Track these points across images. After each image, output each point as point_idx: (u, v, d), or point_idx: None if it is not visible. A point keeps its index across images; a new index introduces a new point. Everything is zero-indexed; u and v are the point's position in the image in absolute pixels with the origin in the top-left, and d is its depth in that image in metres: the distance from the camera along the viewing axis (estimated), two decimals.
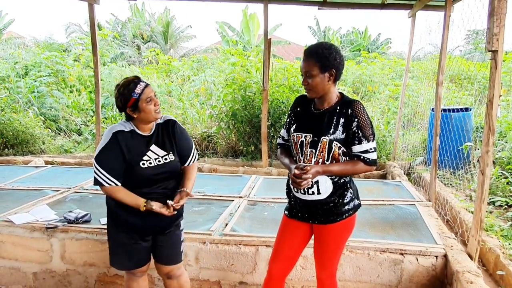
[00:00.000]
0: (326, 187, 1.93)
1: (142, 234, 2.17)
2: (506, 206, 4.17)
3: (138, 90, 1.99)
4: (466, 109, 5.71)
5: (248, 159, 6.14)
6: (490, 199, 4.31)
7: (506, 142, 5.35)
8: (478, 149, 5.07)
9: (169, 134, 2.16)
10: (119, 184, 2.05)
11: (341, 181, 1.97)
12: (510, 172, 4.70)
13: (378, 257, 2.68)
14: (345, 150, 1.93)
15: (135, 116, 2.04)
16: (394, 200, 3.67)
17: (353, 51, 18.99)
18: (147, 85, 2.03)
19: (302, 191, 1.97)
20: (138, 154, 2.05)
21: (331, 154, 1.90)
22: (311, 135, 1.93)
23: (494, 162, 5.11)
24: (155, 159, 2.08)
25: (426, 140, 6.02)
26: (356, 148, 1.90)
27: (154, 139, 2.11)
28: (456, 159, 5.25)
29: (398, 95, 7.39)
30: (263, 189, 4.01)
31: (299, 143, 1.98)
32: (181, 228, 2.31)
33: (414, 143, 6.59)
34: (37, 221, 3.01)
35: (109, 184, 2.02)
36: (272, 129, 6.13)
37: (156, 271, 2.38)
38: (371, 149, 1.90)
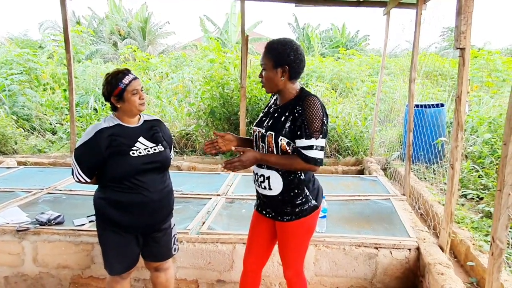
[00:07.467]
0: (276, 184, 1.93)
1: (134, 233, 2.14)
2: (477, 199, 4.30)
3: (125, 80, 2.05)
4: (440, 105, 5.85)
5: (227, 156, 6.11)
6: (462, 192, 4.44)
7: (478, 137, 5.50)
8: None
9: (158, 128, 2.22)
10: (88, 180, 2.10)
11: (294, 180, 1.92)
12: (481, 166, 4.84)
13: (353, 252, 2.72)
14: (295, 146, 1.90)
15: (118, 106, 2.07)
16: (370, 195, 3.73)
17: (332, 47, 19.17)
18: (135, 78, 2.09)
19: (258, 183, 2.01)
20: (126, 144, 2.06)
21: (279, 149, 1.89)
22: (262, 130, 1.97)
23: (466, 156, 5.26)
24: (144, 149, 2.10)
25: (402, 136, 6.14)
26: (297, 143, 1.84)
27: (142, 131, 2.14)
28: (429, 154, 5.38)
29: (375, 91, 7.50)
30: (242, 186, 4.01)
31: (254, 136, 2.05)
32: (172, 226, 2.30)
33: (390, 138, 6.70)
34: (8, 223, 2.92)
35: (78, 179, 2.09)
36: (251, 126, 6.13)
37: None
38: (313, 146, 1.81)
